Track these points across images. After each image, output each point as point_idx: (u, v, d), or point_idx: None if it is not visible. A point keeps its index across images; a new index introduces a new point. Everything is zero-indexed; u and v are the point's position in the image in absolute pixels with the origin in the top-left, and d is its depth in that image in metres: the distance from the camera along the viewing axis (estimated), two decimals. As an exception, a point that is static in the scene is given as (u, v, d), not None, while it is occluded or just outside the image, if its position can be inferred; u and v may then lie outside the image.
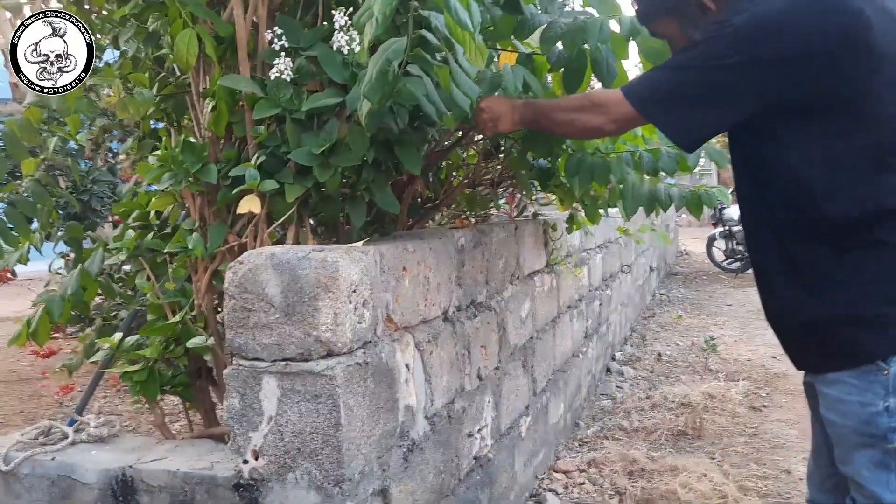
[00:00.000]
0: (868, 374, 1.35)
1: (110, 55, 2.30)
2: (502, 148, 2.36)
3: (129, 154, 2.47)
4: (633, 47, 1.89)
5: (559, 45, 1.80)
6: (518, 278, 2.66)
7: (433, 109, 1.47)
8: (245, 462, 1.49)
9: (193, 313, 1.85)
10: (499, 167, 2.42)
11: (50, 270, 2.72)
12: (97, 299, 2.64)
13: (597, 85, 1.99)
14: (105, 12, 2.13)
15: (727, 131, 1.51)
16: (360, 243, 1.58)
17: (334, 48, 1.49)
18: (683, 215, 15.40)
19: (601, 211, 2.64)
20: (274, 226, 1.64)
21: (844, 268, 1.35)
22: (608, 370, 4.65)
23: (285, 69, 1.50)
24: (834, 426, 1.45)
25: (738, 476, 2.94)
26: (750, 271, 8.82)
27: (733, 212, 9.05)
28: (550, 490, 2.82)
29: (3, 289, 4.79)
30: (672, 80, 1.45)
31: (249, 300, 1.46)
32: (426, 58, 1.33)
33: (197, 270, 1.81)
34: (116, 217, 3.89)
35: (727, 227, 9.20)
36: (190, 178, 1.68)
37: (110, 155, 4.05)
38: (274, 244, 1.73)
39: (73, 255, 2.60)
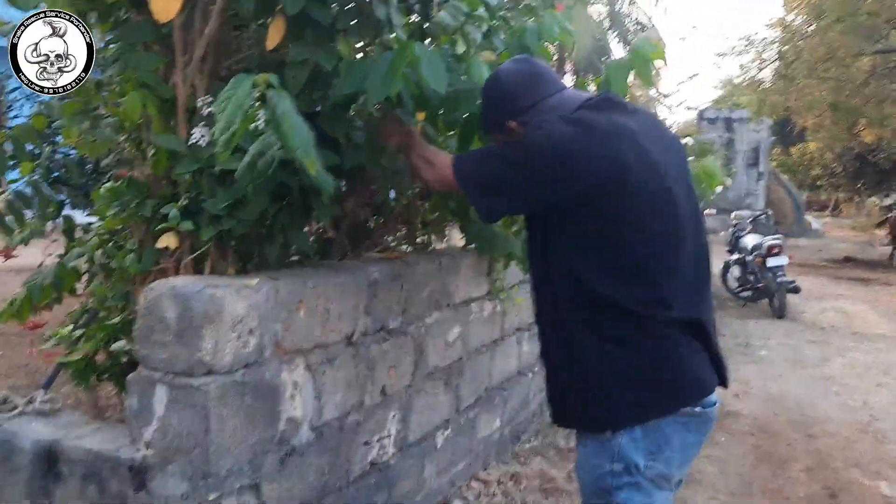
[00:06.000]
0: (601, 440, 1.63)
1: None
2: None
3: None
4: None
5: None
6: (449, 305, 2.96)
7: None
8: (138, 451, 1.84)
9: (132, 317, 2.21)
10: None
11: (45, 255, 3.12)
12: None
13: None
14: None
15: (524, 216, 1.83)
16: (254, 280, 1.90)
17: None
18: (722, 233, 15.34)
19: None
20: (189, 257, 1.98)
21: (597, 354, 1.62)
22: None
23: (202, 137, 1.83)
24: (579, 478, 1.74)
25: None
26: (760, 302, 8.92)
27: (749, 240, 9.13)
28: (462, 497, 3.12)
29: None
30: (483, 166, 1.76)
31: (153, 321, 1.80)
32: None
33: (135, 283, 2.17)
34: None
35: (742, 256, 9.27)
36: (131, 209, 2.03)
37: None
38: (196, 271, 2.07)
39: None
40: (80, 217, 3.32)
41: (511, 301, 3.44)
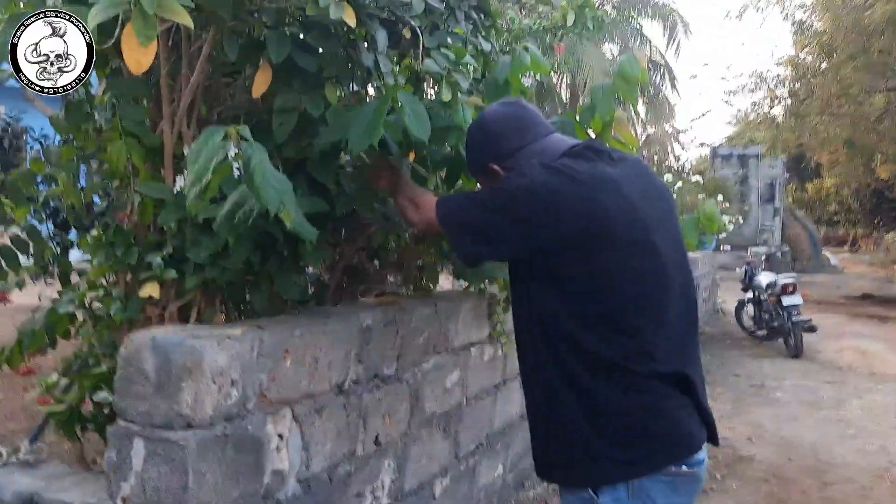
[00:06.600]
0: (583, 500, 1.56)
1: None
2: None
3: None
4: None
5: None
6: (447, 350, 2.90)
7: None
8: (116, 506, 1.79)
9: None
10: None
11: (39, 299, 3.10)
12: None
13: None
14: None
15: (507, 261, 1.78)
16: (238, 330, 1.87)
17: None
18: (737, 269, 15.14)
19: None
20: (175, 306, 1.95)
21: (577, 407, 1.57)
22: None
23: (184, 184, 1.81)
24: None
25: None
26: (776, 341, 8.76)
27: (763, 278, 9.01)
28: (461, 548, 3.04)
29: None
30: (466, 210, 1.73)
31: (132, 373, 1.77)
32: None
33: (122, 331, 2.14)
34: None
35: (756, 294, 9.15)
36: (117, 257, 2.01)
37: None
38: (183, 319, 2.04)
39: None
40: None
41: (512, 344, 3.37)
